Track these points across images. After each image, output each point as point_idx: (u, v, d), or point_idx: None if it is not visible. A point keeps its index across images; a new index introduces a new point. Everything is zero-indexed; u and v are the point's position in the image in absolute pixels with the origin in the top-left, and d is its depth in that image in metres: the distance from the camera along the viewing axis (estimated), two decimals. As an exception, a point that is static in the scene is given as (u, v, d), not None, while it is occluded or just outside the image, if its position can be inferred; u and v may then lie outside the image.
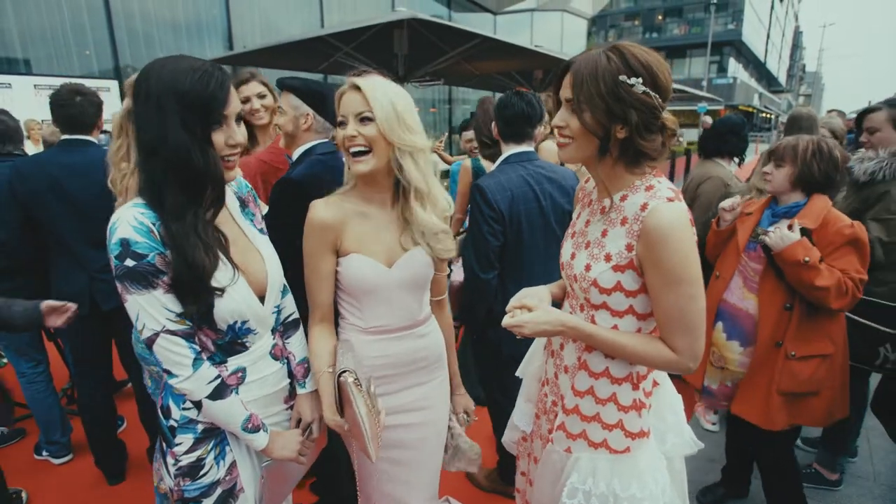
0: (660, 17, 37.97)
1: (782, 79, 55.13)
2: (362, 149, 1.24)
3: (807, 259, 1.71)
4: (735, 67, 37.00)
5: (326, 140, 1.77)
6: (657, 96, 1.04)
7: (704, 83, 28.89)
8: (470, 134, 3.48)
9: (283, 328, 1.37)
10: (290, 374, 1.36)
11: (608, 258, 1.12)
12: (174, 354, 1.07)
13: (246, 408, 1.19)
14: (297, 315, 1.40)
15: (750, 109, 35.04)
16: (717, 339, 2.03)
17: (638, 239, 1.07)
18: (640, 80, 1.02)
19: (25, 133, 3.23)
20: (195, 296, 1.07)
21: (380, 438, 1.19)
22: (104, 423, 2.47)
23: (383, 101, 1.22)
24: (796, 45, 58.32)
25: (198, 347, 1.12)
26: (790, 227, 1.78)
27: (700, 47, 32.90)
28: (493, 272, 1.94)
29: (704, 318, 1.09)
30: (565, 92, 1.11)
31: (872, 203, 2.18)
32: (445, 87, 13.88)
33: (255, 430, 1.20)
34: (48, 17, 7.16)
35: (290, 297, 1.39)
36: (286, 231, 1.43)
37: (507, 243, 1.94)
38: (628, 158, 1.10)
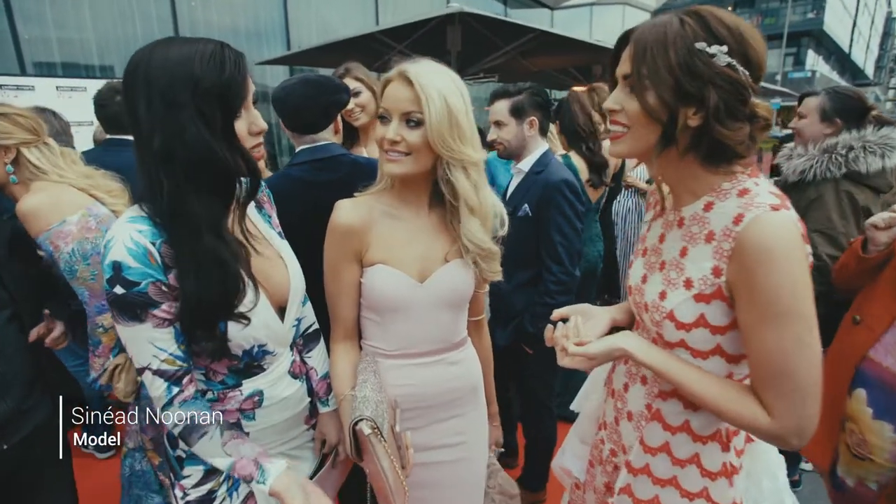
0: (730, 8, 35.48)
1: (870, 71, 50.32)
2: (402, 152, 1.05)
3: None
4: (814, 60, 34.15)
5: (306, 146, 1.53)
6: (746, 73, 0.78)
7: (779, 77, 26.86)
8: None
9: (303, 341, 1.22)
10: (311, 392, 1.19)
11: (688, 284, 0.86)
12: (154, 390, 0.93)
13: (228, 453, 0.97)
14: (317, 326, 1.24)
15: (832, 104, 32.24)
16: (856, 413, 1.44)
17: (729, 260, 0.80)
18: (726, 48, 0.77)
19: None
20: (209, 329, 0.91)
21: (406, 487, 0.99)
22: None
23: (438, 102, 0.99)
24: (888, 33, 52.97)
25: (178, 389, 0.95)
26: None
27: (775, 39, 30.64)
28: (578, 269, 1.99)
29: (818, 374, 0.79)
30: (623, 67, 0.85)
31: (804, 209, 1.72)
32: (500, 83, 13.64)
33: (248, 479, 0.97)
34: (122, 28, 7.61)
35: (309, 306, 1.23)
36: None
37: None
38: (703, 152, 0.83)
